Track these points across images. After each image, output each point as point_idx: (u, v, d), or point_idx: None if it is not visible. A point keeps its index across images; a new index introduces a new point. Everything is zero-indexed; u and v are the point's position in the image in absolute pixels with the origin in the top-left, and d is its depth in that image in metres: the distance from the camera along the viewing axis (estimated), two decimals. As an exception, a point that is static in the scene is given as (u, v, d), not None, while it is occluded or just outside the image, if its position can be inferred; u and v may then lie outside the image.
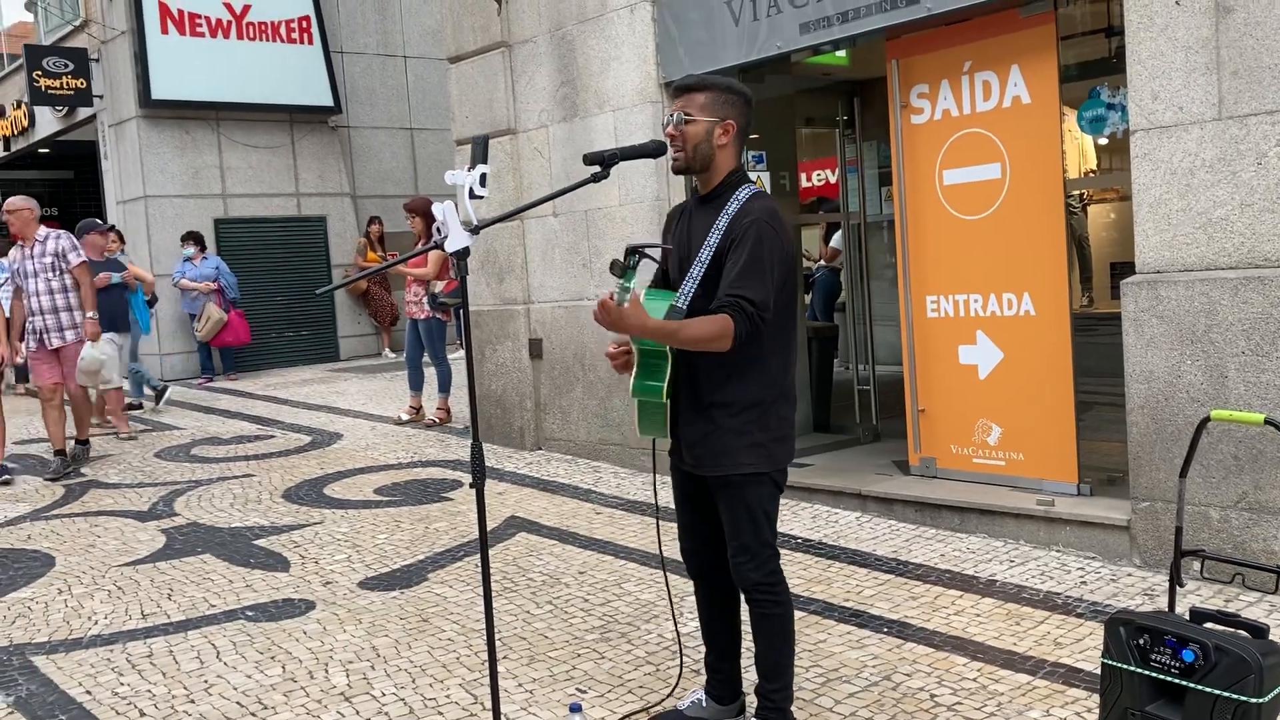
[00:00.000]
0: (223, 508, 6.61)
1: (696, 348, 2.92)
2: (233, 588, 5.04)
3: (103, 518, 6.51)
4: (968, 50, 5.36)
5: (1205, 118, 4.30)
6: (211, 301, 12.67)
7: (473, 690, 3.76)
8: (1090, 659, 3.67)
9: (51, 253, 7.70)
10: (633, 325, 2.83)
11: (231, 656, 4.19)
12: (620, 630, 4.26)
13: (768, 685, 3.15)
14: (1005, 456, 5.39)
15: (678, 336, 2.90)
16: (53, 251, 7.69)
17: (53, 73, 13.89)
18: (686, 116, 3.02)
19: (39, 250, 7.71)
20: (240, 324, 12.96)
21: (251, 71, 13.80)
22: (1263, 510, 4.20)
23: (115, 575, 5.33)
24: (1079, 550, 4.83)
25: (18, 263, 7.73)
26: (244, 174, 14.03)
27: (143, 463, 8.15)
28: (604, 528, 5.75)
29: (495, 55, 7.72)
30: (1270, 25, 4.10)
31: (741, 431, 3.02)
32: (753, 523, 3.07)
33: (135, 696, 3.86)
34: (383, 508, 6.42)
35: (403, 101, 15.55)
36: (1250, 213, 4.21)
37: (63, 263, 7.69)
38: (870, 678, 3.68)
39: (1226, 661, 2.46)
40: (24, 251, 7.73)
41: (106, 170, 14.43)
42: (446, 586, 4.89)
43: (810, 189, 11.11)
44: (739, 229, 2.95)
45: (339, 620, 4.53)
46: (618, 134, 6.83)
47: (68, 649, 4.37)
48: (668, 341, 2.94)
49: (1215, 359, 4.29)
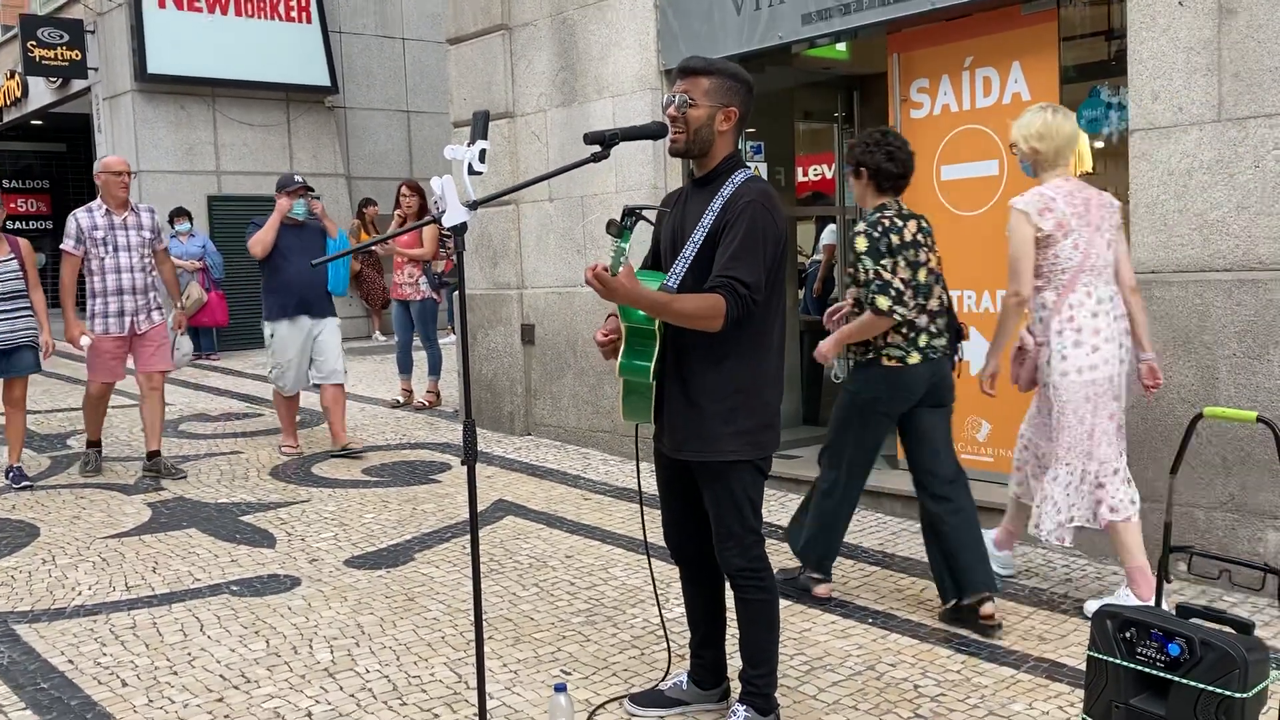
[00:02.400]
0: (209, 483, 6.58)
1: (687, 324, 2.91)
2: (218, 562, 5.02)
3: (89, 490, 6.48)
4: (969, 46, 5.36)
5: (1204, 119, 4.30)
6: (195, 280, 12.61)
7: (457, 669, 3.75)
8: (1074, 655, 3.68)
9: (149, 227, 6.71)
10: (624, 294, 2.81)
11: (215, 630, 4.18)
12: (606, 614, 4.26)
13: (752, 671, 3.15)
14: (994, 453, 5.40)
15: (669, 309, 2.88)
16: (149, 226, 6.72)
17: (47, 43, 13.79)
18: (690, 101, 3.01)
19: (134, 221, 6.65)
20: (219, 305, 12.88)
21: (248, 49, 13.72)
22: (1249, 511, 4.21)
23: (100, 547, 5.30)
24: (1065, 548, 4.84)
25: (104, 231, 6.51)
26: (239, 151, 13.97)
27: (130, 437, 8.10)
28: (592, 513, 5.75)
29: (495, 38, 7.69)
30: (1273, 28, 4.10)
31: (726, 418, 3.01)
32: (737, 509, 3.06)
33: (118, 667, 3.85)
34: (370, 488, 6.41)
35: (400, 83, 15.49)
36: (1246, 215, 4.22)
37: (156, 240, 6.75)
38: (854, 667, 3.69)
39: (1211, 656, 2.47)
40: (113, 219, 6.55)
41: (100, 144, 14.34)
42: (433, 567, 4.88)
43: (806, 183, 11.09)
44: (734, 211, 2.94)
45: (324, 597, 4.52)
46: (616, 120, 6.81)
47: (50, 619, 4.35)
48: (659, 314, 2.91)
49: (1207, 360, 4.30)
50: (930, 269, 4.10)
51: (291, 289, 7.00)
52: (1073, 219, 3.98)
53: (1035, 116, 4.10)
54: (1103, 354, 3.97)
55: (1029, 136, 4.09)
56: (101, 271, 6.51)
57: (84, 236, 6.47)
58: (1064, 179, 4.08)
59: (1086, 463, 4.03)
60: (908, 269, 3.99)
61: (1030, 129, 4.08)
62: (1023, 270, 4.00)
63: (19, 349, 6.44)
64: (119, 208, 6.60)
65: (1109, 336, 3.98)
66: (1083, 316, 3.98)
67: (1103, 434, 4.01)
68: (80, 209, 6.58)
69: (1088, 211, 4.02)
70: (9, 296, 6.37)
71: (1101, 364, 3.97)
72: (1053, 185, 4.05)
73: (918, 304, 4.04)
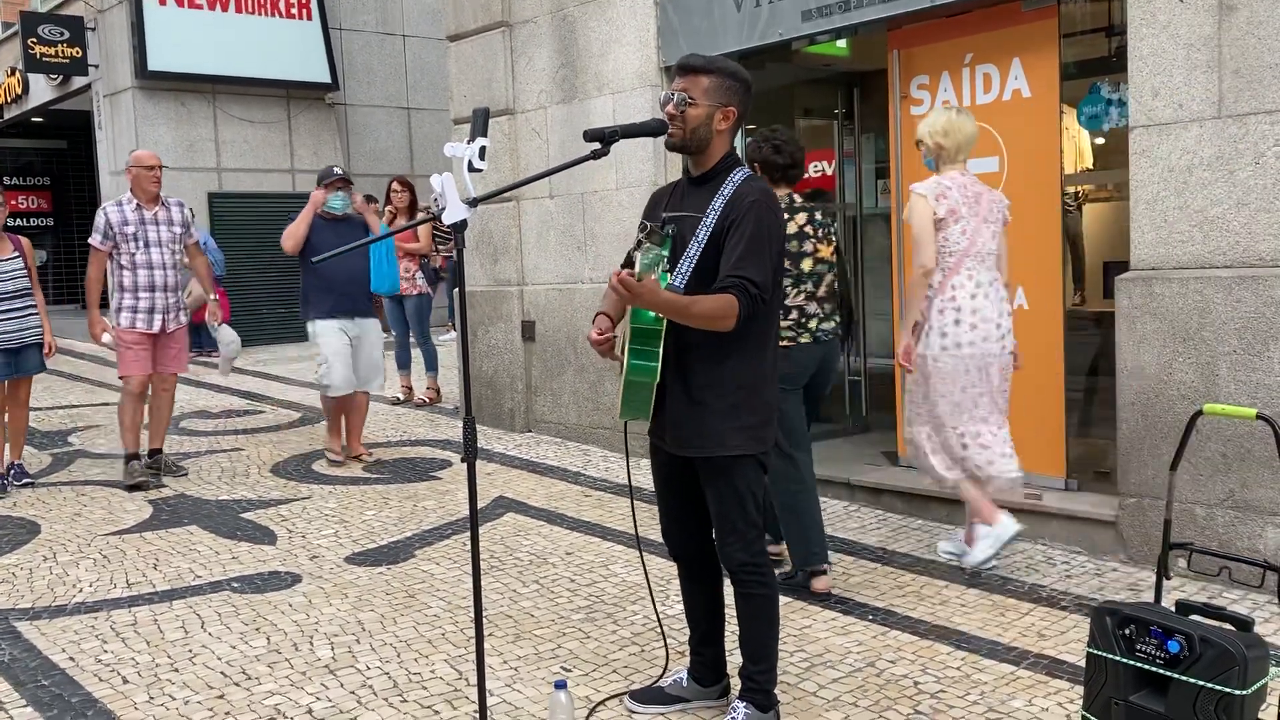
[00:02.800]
0: (210, 480, 6.59)
1: (703, 325, 2.92)
2: (219, 559, 5.03)
3: (90, 487, 6.49)
4: (969, 43, 5.35)
5: (1205, 116, 4.30)
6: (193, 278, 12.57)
7: (457, 666, 3.76)
8: (1074, 651, 3.69)
9: (179, 222, 6.54)
10: (649, 299, 2.83)
11: (216, 627, 4.18)
12: (606, 611, 4.26)
13: (752, 667, 3.16)
14: (994, 450, 5.39)
15: (689, 312, 2.90)
16: (180, 221, 6.55)
17: (48, 40, 13.79)
18: (690, 100, 3.01)
19: (165, 216, 6.48)
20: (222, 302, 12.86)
21: (249, 45, 13.71)
22: (1249, 508, 4.22)
23: (101, 544, 5.31)
24: (1065, 544, 4.85)
25: (134, 226, 6.34)
26: (239, 148, 13.96)
27: (130, 434, 8.11)
28: (592, 510, 5.75)
29: (495, 35, 7.68)
30: (1273, 25, 4.10)
31: (729, 414, 3.02)
32: (739, 504, 3.07)
33: (119, 664, 3.85)
34: (371, 485, 6.42)
35: (400, 80, 15.48)
36: (1246, 212, 4.21)
37: (186, 235, 6.58)
38: (854, 664, 3.70)
39: (1211, 653, 2.47)
40: (143, 214, 6.38)
41: (100, 140, 14.33)
42: (433, 564, 4.89)
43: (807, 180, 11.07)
44: (738, 211, 2.95)
45: (325, 594, 4.52)
46: (616, 117, 6.80)
47: (52, 615, 4.35)
48: (678, 316, 2.91)
49: (1207, 357, 4.30)
50: (819, 258, 4.40)
51: (332, 287, 6.68)
52: (963, 207, 4.37)
53: (941, 115, 4.50)
54: (980, 332, 4.35)
55: (934, 133, 4.46)
56: (132, 267, 6.33)
57: (113, 231, 6.30)
58: (960, 173, 4.46)
59: (951, 431, 4.44)
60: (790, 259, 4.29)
61: (936, 126, 4.47)
62: (925, 245, 4.37)
63: (26, 348, 6.43)
64: (150, 202, 6.42)
65: (986, 317, 4.36)
66: (963, 297, 4.36)
67: (971, 404, 4.40)
68: (109, 203, 6.43)
69: (978, 203, 4.42)
70: (15, 295, 6.35)
71: (979, 341, 4.34)
72: (949, 177, 4.43)
73: (806, 291, 4.36)
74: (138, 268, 6.33)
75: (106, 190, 14.16)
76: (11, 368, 6.40)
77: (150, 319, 6.37)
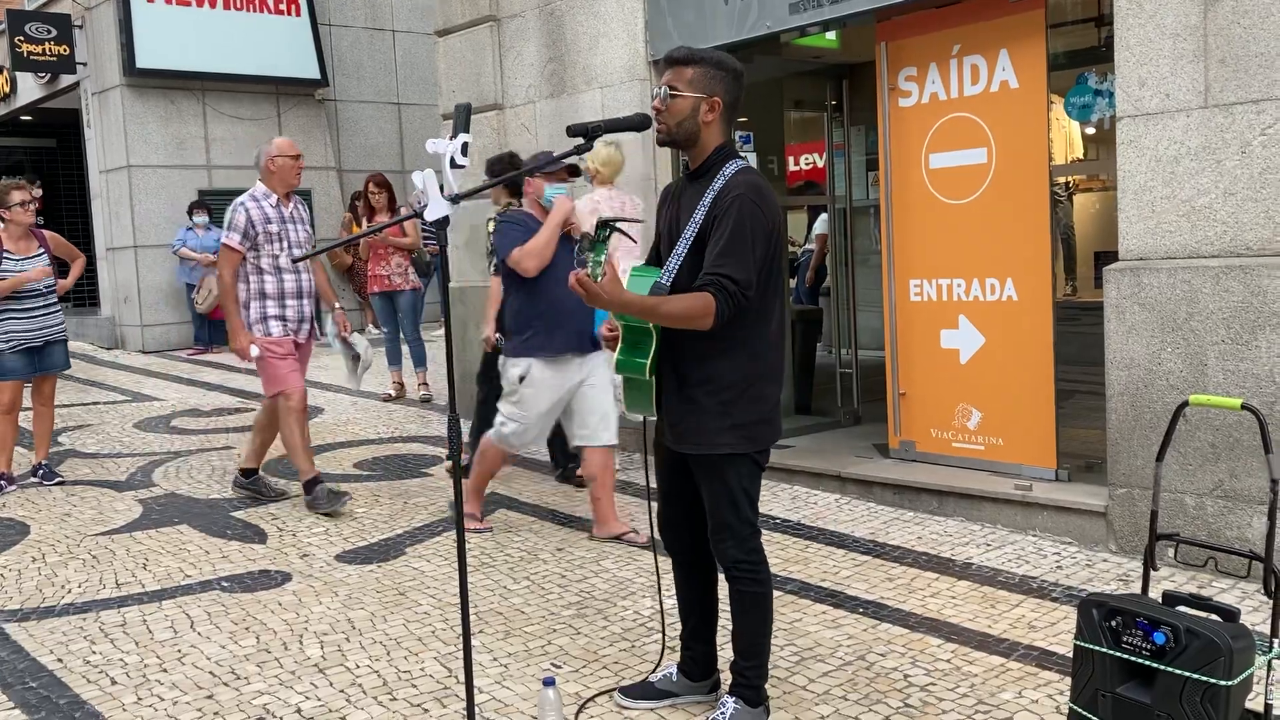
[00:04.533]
0: (201, 479, 6.57)
1: (677, 325, 2.91)
2: (209, 559, 5.02)
3: (79, 487, 6.47)
4: (957, 34, 5.34)
5: (1191, 105, 4.30)
6: (212, 274, 12.61)
7: (447, 663, 3.75)
8: (1064, 643, 3.69)
9: (308, 220, 5.91)
10: (608, 301, 2.81)
11: (206, 627, 4.17)
12: (597, 607, 4.26)
13: (743, 663, 3.15)
14: (985, 441, 5.40)
15: (657, 312, 2.88)
16: (309, 219, 5.92)
17: (35, 38, 13.71)
18: (673, 91, 3.00)
19: (298, 213, 5.82)
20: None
21: (238, 42, 13.66)
22: (1237, 498, 4.22)
23: (90, 544, 5.29)
24: (1055, 535, 4.86)
25: (277, 224, 5.64)
26: (229, 145, 13.90)
27: (121, 433, 8.10)
28: (583, 505, 5.74)
29: (484, 29, 7.66)
30: (1258, 13, 4.09)
31: (721, 412, 3.01)
32: (733, 502, 3.06)
33: (107, 665, 3.84)
34: (362, 482, 6.40)
35: (390, 75, 15.43)
36: (1233, 201, 4.21)
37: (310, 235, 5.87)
38: (845, 657, 3.70)
39: (1197, 644, 2.47)
40: (282, 210, 5.71)
41: (89, 139, 14.27)
42: (424, 561, 4.88)
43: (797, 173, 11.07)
44: (722, 206, 2.93)
45: (315, 593, 4.51)
46: (605, 111, 6.79)
47: (40, 617, 4.34)
48: (647, 318, 2.92)
49: (1195, 347, 4.30)
50: None
51: (561, 314, 4.90)
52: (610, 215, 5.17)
53: (603, 149, 5.84)
54: None
55: (596, 162, 5.90)
56: (275, 271, 5.62)
57: (254, 231, 5.58)
58: (609, 190, 5.96)
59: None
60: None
61: (599, 158, 5.89)
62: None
63: (50, 345, 6.44)
64: (286, 198, 5.75)
65: None
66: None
67: None
68: (245, 198, 5.64)
69: (623, 210, 5.81)
70: (41, 293, 6.36)
71: None
72: (599, 193, 5.93)
73: None
74: (282, 271, 5.64)
75: (96, 189, 14.10)
76: (36, 365, 6.40)
77: (300, 327, 5.74)
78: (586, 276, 2.74)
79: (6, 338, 6.23)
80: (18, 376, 6.37)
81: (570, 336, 4.96)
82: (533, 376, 4.93)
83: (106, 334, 14.05)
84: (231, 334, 5.63)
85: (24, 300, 6.27)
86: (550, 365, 4.94)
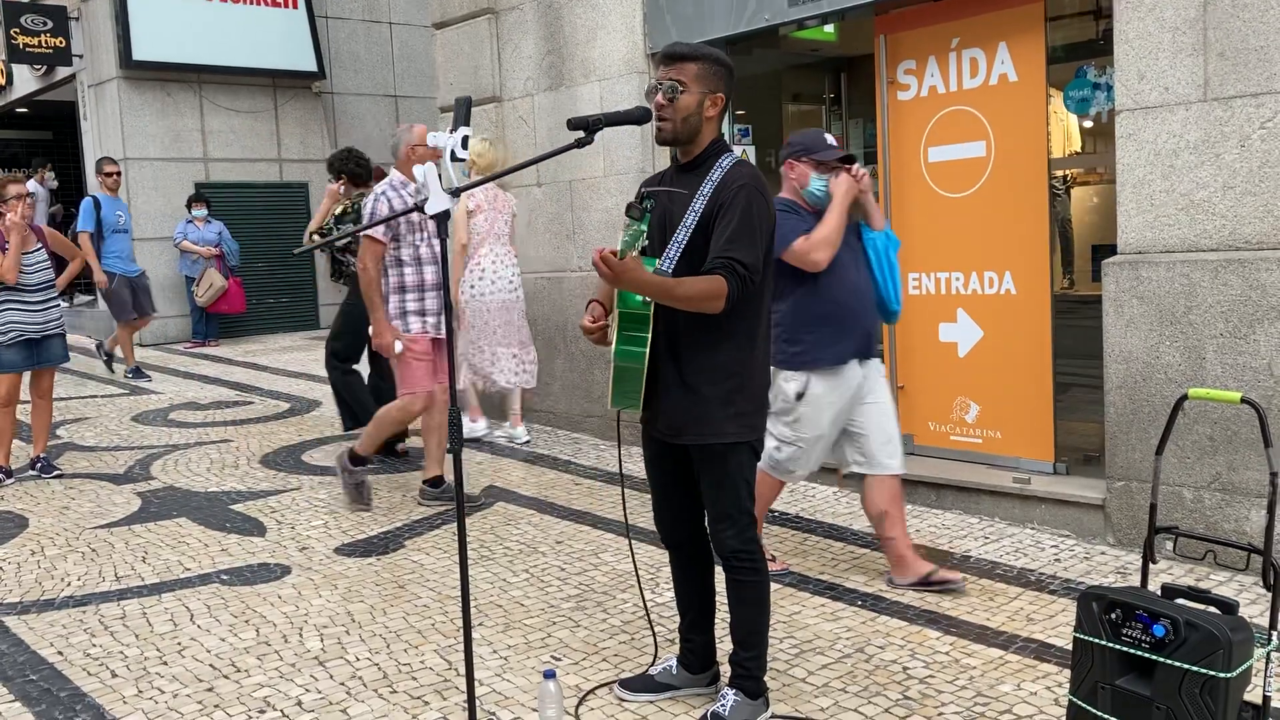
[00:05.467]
0: (199, 472, 6.57)
1: (690, 307, 2.91)
2: (208, 551, 5.02)
3: (78, 480, 6.47)
4: (956, 27, 5.34)
5: (1191, 99, 4.30)
6: (213, 267, 12.61)
7: (447, 656, 3.76)
8: (1062, 635, 3.70)
9: None
10: (631, 279, 2.82)
11: (205, 619, 4.17)
12: (596, 600, 4.26)
13: (742, 654, 3.16)
14: (983, 434, 5.41)
15: (674, 293, 2.89)
16: None
17: (31, 30, 13.67)
18: (680, 87, 3.00)
19: None
20: (238, 293, 12.92)
21: (235, 34, 13.61)
22: (1235, 491, 4.23)
23: (89, 537, 5.29)
24: (1054, 528, 4.87)
25: (418, 215, 5.11)
26: (226, 138, 13.88)
27: (119, 426, 8.09)
28: (582, 498, 5.75)
29: (481, 22, 7.64)
30: (1257, 6, 4.09)
31: (724, 401, 3.02)
32: (733, 491, 3.07)
33: (107, 657, 3.84)
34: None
35: (387, 68, 15.40)
36: (1232, 195, 4.22)
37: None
38: (844, 649, 3.71)
39: (1196, 637, 2.48)
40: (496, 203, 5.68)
41: (86, 131, 14.23)
42: (423, 554, 4.88)
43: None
44: (727, 194, 2.95)
45: (314, 585, 4.51)
46: (604, 104, 6.78)
47: (40, 610, 4.34)
48: (664, 298, 2.91)
49: (1194, 340, 4.31)
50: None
51: (846, 315, 4.19)
52: (485, 204, 6.78)
53: (478, 144, 6.77)
54: (498, 285, 6.79)
55: (474, 156, 6.62)
56: (416, 263, 5.42)
57: (398, 222, 5.33)
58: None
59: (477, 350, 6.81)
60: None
61: (475, 150, 6.61)
62: (460, 229, 6.74)
63: (49, 339, 6.44)
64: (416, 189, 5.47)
65: (500, 276, 6.80)
66: (486, 263, 6.77)
67: (490, 333, 6.81)
68: (385, 187, 5.33)
69: (495, 201, 6.84)
70: (40, 287, 6.37)
71: (495, 294, 6.79)
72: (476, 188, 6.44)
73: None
74: (422, 263, 5.43)
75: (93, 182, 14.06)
76: (34, 359, 6.40)
77: (439, 322, 5.53)
78: (613, 255, 2.75)
79: (6, 329, 6.23)
80: (16, 369, 6.38)
81: (856, 340, 4.20)
82: (812, 393, 4.17)
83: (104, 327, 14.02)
84: (377, 329, 5.42)
85: (24, 293, 6.28)
86: (831, 377, 4.17)
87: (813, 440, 4.25)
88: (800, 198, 4.18)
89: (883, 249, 4.28)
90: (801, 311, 4.15)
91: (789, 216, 4.04)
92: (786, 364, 4.19)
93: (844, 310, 4.15)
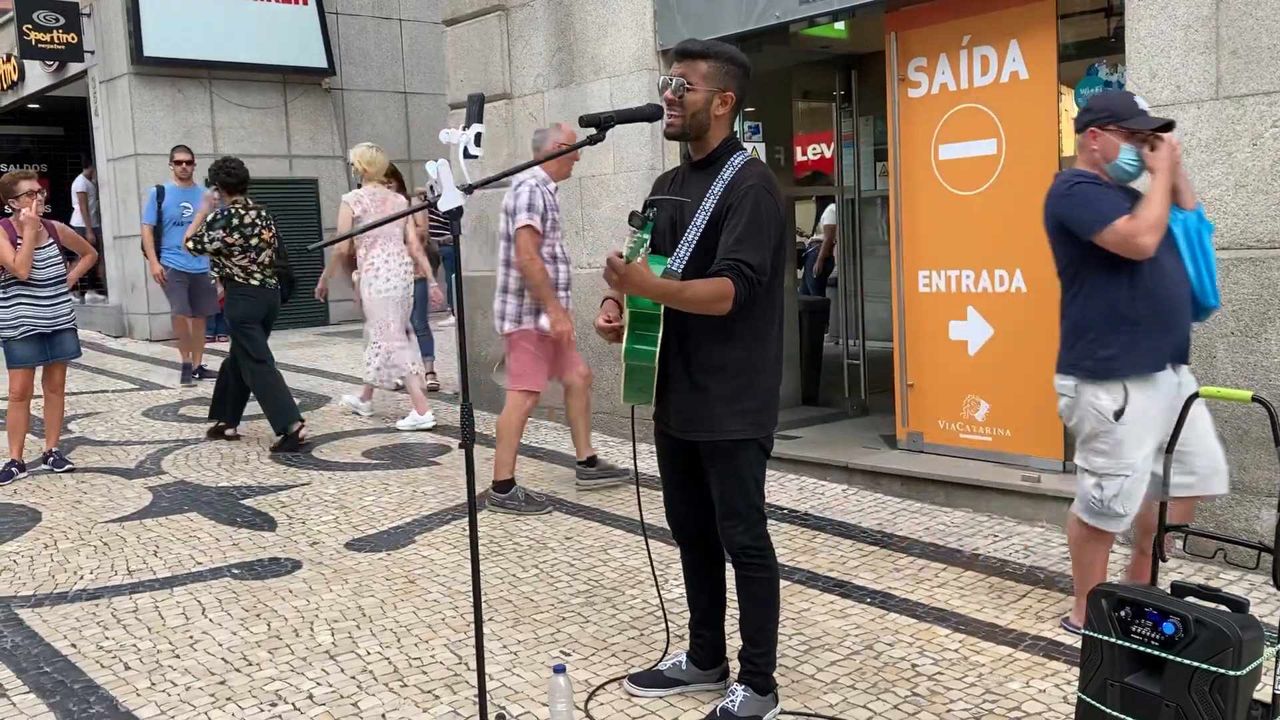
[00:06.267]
0: (210, 467, 6.60)
1: (697, 309, 2.93)
2: (219, 546, 5.04)
3: (90, 474, 6.50)
4: (967, 24, 5.34)
5: (1202, 97, 4.29)
6: None
7: (457, 650, 3.77)
8: (1071, 633, 3.70)
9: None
10: (637, 284, 2.84)
11: (217, 613, 4.20)
12: (605, 595, 4.28)
13: (752, 650, 3.17)
14: (992, 432, 5.41)
15: (680, 297, 2.90)
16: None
17: (43, 26, 13.71)
18: (688, 85, 3.01)
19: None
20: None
21: (245, 30, 13.65)
22: (1246, 490, 4.23)
23: (101, 531, 5.32)
24: (1063, 526, 4.86)
25: (554, 212, 5.45)
26: (236, 134, 13.91)
27: (130, 421, 8.13)
28: (591, 494, 5.76)
29: (492, 18, 7.65)
30: (1270, 5, 4.08)
31: (731, 399, 3.04)
32: (742, 487, 3.09)
33: (120, 650, 3.87)
34: (370, 470, 6.43)
35: (397, 64, 15.42)
36: (1244, 194, 4.21)
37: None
38: (852, 646, 3.71)
39: (1206, 635, 2.48)
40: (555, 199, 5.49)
41: (97, 127, 14.28)
42: (433, 549, 4.90)
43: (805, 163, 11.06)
44: (737, 194, 2.96)
45: (325, 580, 4.54)
46: (614, 101, 6.78)
47: (53, 603, 4.37)
48: (670, 301, 2.93)
49: (1204, 339, 4.30)
50: (263, 239, 6.99)
51: (1167, 313, 3.47)
52: (372, 208, 7.37)
53: (366, 151, 7.51)
54: (391, 283, 7.42)
55: (361, 161, 7.46)
56: (552, 260, 5.42)
57: (547, 215, 5.35)
58: (374, 187, 7.52)
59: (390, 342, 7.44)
60: (242, 239, 6.89)
61: (363, 157, 7.47)
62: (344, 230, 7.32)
63: (60, 333, 6.48)
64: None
65: (394, 273, 7.45)
66: (380, 261, 7.41)
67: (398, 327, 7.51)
68: (532, 181, 5.34)
69: (383, 204, 7.45)
70: (52, 282, 6.41)
71: (391, 290, 7.42)
72: (366, 190, 7.48)
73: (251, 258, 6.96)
74: (558, 261, 5.47)
75: (104, 177, 14.12)
76: (46, 353, 6.44)
77: (536, 319, 5.48)
78: (619, 258, 2.76)
79: (17, 324, 6.26)
80: (29, 364, 6.41)
81: (1175, 340, 3.51)
82: (1133, 410, 3.44)
83: (114, 322, 14.08)
84: (552, 318, 5.34)
85: (35, 288, 6.31)
86: (1149, 387, 3.45)
87: (1142, 465, 3.47)
88: (1103, 172, 3.47)
89: (1194, 232, 3.52)
90: (1112, 308, 3.42)
91: (1103, 190, 3.39)
92: (1095, 373, 3.47)
93: (1162, 305, 3.42)
